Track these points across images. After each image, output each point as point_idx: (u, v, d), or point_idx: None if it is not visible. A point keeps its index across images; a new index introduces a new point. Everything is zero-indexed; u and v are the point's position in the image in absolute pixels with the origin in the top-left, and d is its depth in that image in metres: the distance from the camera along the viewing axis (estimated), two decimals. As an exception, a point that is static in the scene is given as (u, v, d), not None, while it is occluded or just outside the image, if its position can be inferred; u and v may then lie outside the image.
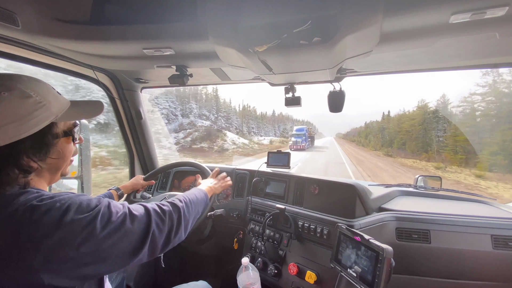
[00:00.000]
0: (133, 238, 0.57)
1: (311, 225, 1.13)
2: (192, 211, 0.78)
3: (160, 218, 0.65)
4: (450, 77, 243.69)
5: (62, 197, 0.51)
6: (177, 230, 0.69)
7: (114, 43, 0.87)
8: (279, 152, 1.57)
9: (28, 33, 0.83)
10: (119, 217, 0.56)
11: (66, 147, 0.62)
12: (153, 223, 0.62)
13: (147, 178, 1.40)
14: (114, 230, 0.54)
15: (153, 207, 0.67)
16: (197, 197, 0.86)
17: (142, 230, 0.59)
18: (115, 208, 0.57)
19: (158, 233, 0.63)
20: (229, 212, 1.48)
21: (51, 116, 0.55)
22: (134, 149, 1.77)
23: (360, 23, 0.65)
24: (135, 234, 0.57)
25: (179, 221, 0.70)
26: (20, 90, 0.51)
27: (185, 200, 0.78)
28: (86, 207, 0.52)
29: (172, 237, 0.67)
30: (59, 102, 0.59)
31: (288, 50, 0.76)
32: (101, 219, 0.52)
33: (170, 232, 0.67)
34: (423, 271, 1.03)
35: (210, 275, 1.78)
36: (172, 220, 0.68)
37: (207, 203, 0.93)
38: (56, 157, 0.59)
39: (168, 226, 0.66)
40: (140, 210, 0.62)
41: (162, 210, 0.67)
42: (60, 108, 0.59)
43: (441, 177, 1.50)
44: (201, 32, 0.79)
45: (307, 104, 1.37)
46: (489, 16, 0.64)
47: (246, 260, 1.01)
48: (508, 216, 1.07)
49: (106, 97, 1.55)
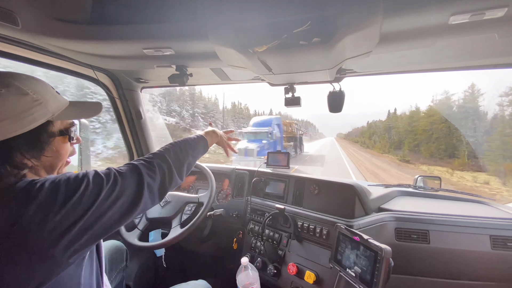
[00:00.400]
0: (129, 192, 0.59)
1: (311, 225, 1.13)
2: (181, 153, 0.78)
3: (149, 169, 0.66)
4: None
5: (53, 176, 0.53)
6: (170, 176, 0.71)
7: (114, 43, 0.87)
8: (278, 152, 1.58)
9: (28, 32, 0.83)
10: (109, 179, 0.57)
11: (61, 146, 0.62)
12: (144, 174, 0.64)
13: None
14: (109, 190, 0.55)
15: (139, 161, 0.68)
16: (191, 140, 0.86)
17: (135, 182, 0.61)
18: (102, 173, 0.58)
19: (152, 181, 0.65)
20: (229, 212, 1.48)
21: (48, 114, 0.56)
22: (134, 148, 1.77)
23: (360, 23, 0.65)
24: (130, 187, 0.59)
25: (170, 168, 0.71)
26: (17, 88, 0.52)
27: (167, 147, 0.78)
28: (75, 178, 0.53)
29: (167, 184, 0.69)
30: (57, 101, 0.59)
31: (288, 51, 0.76)
32: (93, 185, 0.53)
33: (163, 179, 0.68)
34: (422, 271, 1.03)
35: (209, 275, 1.78)
36: (162, 168, 0.69)
37: (205, 146, 0.92)
38: (50, 155, 0.59)
39: (160, 175, 0.68)
40: (126, 167, 0.64)
41: (149, 162, 0.69)
42: (58, 107, 0.59)
43: (440, 178, 1.50)
44: (201, 32, 0.79)
45: (306, 104, 1.37)
46: (489, 17, 0.64)
47: (246, 260, 1.01)
48: (507, 216, 1.08)
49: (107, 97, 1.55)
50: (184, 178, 0.78)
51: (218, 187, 1.65)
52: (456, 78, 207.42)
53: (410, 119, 35.91)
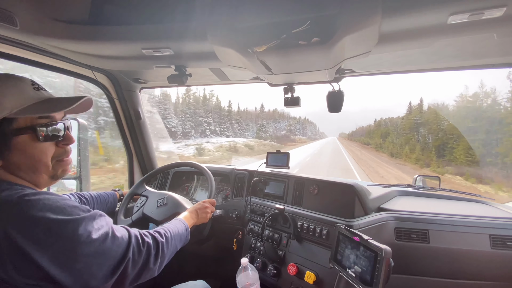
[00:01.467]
0: (108, 259, 0.54)
1: (310, 225, 1.13)
2: (170, 247, 0.75)
3: (138, 247, 0.62)
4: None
5: (47, 196, 0.50)
6: (154, 263, 0.66)
7: (113, 43, 0.87)
8: (278, 152, 1.58)
9: (26, 33, 0.83)
10: (101, 233, 0.54)
11: (29, 145, 0.56)
12: (130, 250, 0.59)
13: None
14: (93, 242, 0.51)
15: (135, 233, 0.64)
16: (178, 232, 0.84)
17: (119, 254, 0.57)
18: (99, 224, 0.55)
19: (132, 263, 0.59)
20: (228, 213, 1.48)
21: (4, 111, 0.52)
22: (133, 149, 1.77)
23: (359, 23, 0.65)
24: (111, 256, 0.55)
25: (157, 255, 0.68)
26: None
27: (166, 235, 0.75)
28: (69, 211, 0.51)
29: (145, 271, 0.64)
30: (20, 96, 0.55)
31: (287, 51, 0.76)
32: (83, 228, 0.51)
33: (144, 265, 0.63)
34: (422, 271, 1.03)
35: (209, 275, 1.77)
36: (149, 253, 0.65)
37: (186, 239, 0.90)
38: (17, 155, 0.55)
39: (144, 258, 0.63)
40: (123, 232, 0.60)
41: (142, 239, 0.65)
42: (20, 102, 0.54)
43: (439, 177, 1.50)
44: (200, 32, 0.79)
45: (305, 102, 1.37)
46: (487, 16, 0.64)
47: (245, 261, 1.01)
48: (507, 216, 1.08)
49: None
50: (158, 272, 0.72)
51: (218, 188, 1.65)
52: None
53: (458, 111, 23.26)
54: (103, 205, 1.13)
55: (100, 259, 0.52)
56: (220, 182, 1.67)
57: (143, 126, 1.71)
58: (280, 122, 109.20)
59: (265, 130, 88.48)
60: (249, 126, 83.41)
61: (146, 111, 1.70)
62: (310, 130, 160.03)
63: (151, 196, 1.31)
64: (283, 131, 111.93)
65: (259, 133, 79.39)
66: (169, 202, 1.25)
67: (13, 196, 0.48)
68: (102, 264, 0.53)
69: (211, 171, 1.37)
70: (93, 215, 0.55)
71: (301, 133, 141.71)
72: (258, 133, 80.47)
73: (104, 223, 0.56)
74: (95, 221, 0.54)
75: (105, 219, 0.59)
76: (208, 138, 48.94)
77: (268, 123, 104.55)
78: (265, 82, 1.29)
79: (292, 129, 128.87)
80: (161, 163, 1.84)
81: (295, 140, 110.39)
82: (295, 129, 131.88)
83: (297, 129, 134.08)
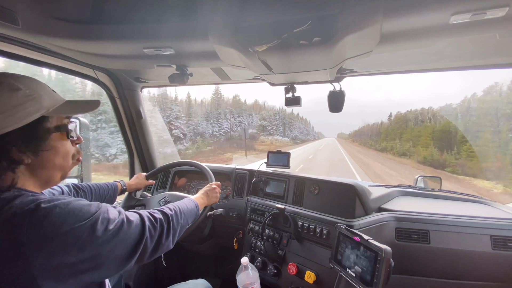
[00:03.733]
0: (128, 244, 0.58)
1: (311, 225, 1.13)
2: (180, 220, 0.79)
3: (152, 225, 0.67)
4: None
5: (61, 201, 0.51)
6: (166, 238, 0.71)
7: (114, 43, 0.87)
8: (278, 152, 1.58)
9: (28, 32, 0.83)
10: (117, 223, 0.57)
11: (60, 143, 0.60)
12: (147, 229, 0.64)
13: (149, 175, 1.41)
14: (112, 235, 0.55)
15: (146, 214, 0.69)
16: (187, 207, 0.87)
17: (137, 235, 0.61)
18: (113, 214, 0.58)
19: (150, 239, 0.64)
20: (229, 212, 1.48)
21: (42, 109, 0.55)
22: (134, 148, 1.77)
23: (360, 23, 0.65)
24: (131, 239, 0.59)
25: (168, 228, 0.72)
26: (9, 84, 0.53)
27: (175, 209, 0.79)
28: (86, 212, 0.52)
29: (161, 245, 0.69)
30: (52, 97, 0.59)
31: (288, 50, 0.76)
32: (100, 224, 0.53)
33: (160, 239, 0.68)
34: (422, 271, 1.03)
35: (209, 274, 1.78)
36: (162, 227, 0.70)
37: (197, 214, 0.94)
38: (48, 150, 0.58)
39: (159, 233, 0.68)
40: (135, 216, 0.64)
41: (154, 217, 0.69)
42: (53, 103, 0.58)
43: (440, 178, 1.50)
44: (201, 32, 0.79)
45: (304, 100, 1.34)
46: (489, 16, 0.64)
47: (246, 260, 1.01)
48: (508, 216, 1.07)
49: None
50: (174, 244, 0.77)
51: None
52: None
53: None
54: (101, 198, 1.12)
55: (122, 244, 0.57)
56: (220, 182, 1.67)
57: (144, 125, 1.72)
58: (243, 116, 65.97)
59: (241, 123, 59.92)
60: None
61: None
62: (299, 128, 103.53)
63: (148, 202, 1.31)
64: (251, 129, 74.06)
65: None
66: (172, 198, 1.26)
67: (29, 204, 0.48)
68: (124, 247, 0.57)
69: (212, 170, 1.37)
70: (105, 209, 0.57)
71: (280, 133, 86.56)
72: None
73: (117, 213, 0.59)
74: (109, 213, 0.57)
75: (117, 209, 0.62)
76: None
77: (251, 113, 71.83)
78: (266, 81, 1.29)
79: (266, 125, 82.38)
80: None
81: (264, 142, 68.70)
82: (270, 125, 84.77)
83: (272, 126, 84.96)
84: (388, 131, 47.46)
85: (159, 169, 1.49)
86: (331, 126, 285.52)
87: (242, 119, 66.71)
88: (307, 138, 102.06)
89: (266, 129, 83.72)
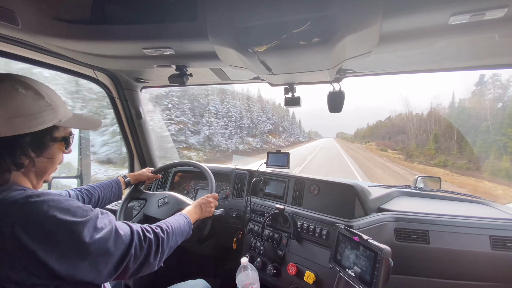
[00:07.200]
0: (112, 257, 0.57)
1: (310, 225, 1.13)
2: (170, 243, 0.77)
3: (140, 243, 0.65)
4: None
5: (51, 197, 0.51)
6: (154, 259, 0.68)
7: (114, 43, 0.87)
8: (278, 152, 1.58)
9: (28, 32, 0.83)
10: (105, 232, 0.56)
11: (57, 153, 0.64)
12: (133, 247, 0.62)
13: (156, 171, 1.41)
14: (97, 241, 0.53)
15: (137, 229, 0.66)
16: (180, 228, 0.84)
17: (122, 252, 0.59)
18: (103, 221, 0.57)
19: (133, 259, 0.62)
20: (229, 212, 1.48)
21: (56, 119, 0.59)
22: (133, 148, 1.77)
23: (360, 23, 0.65)
24: (115, 253, 0.57)
25: (157, 250, 0.69)
26: (35, 91, 0.57)
27: (167, 230, 0.76)
28: (74, 212, 0.52)
29: (144, 267, 0.66)
30: (65, 109, 0.64)
31: (288, 51, 0.76)
32: (87, 227, 0.53)
33: (144, 260, 0.66)
34: (421, 271, 1.03)
35: (209, 274, 1.78)
36: (150, 249, 0.67)
37: (188, 234, 0.91)
38: (47, 158, 0.61)
39: (144, 254, 0.65)
40: (125, 230, 0.62)
41: (144, 235, 0.67)
42: (65, 114, 0.63)
43: (440, 178, 1.50)
44: (201, 32, 0.79)
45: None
46: (488, 17, 0.64)
47: (245, 260, 1.01)
48: (507, 217, 1.07)
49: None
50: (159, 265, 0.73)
51: (218, 187, 1.65)
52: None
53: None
54: (108, 192, 1.10)
55: (105, 257, 0.55)
56: (220, 182, 1.67)
57: (143, 125, 1.72)
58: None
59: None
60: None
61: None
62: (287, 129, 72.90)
63: (150, 198, 1.31)
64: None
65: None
66: (171, 200, 1.25)
67: (17, 197, 0.49)
68: (107, 261, 0.56)
69: (212, 170, 1.37)
70: (96, 215, 0.57)
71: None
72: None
73: (107, 222, 0.59)
74: (99, 221, 0.56)
75: (108, 217, 0.61)
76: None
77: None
78: (266, 82, 1.29)
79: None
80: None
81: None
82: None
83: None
84: (398, 134, 32.11)
85: (167, 166, 1.48)
86: (326, 124, 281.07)
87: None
88: (299, 139, 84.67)
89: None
